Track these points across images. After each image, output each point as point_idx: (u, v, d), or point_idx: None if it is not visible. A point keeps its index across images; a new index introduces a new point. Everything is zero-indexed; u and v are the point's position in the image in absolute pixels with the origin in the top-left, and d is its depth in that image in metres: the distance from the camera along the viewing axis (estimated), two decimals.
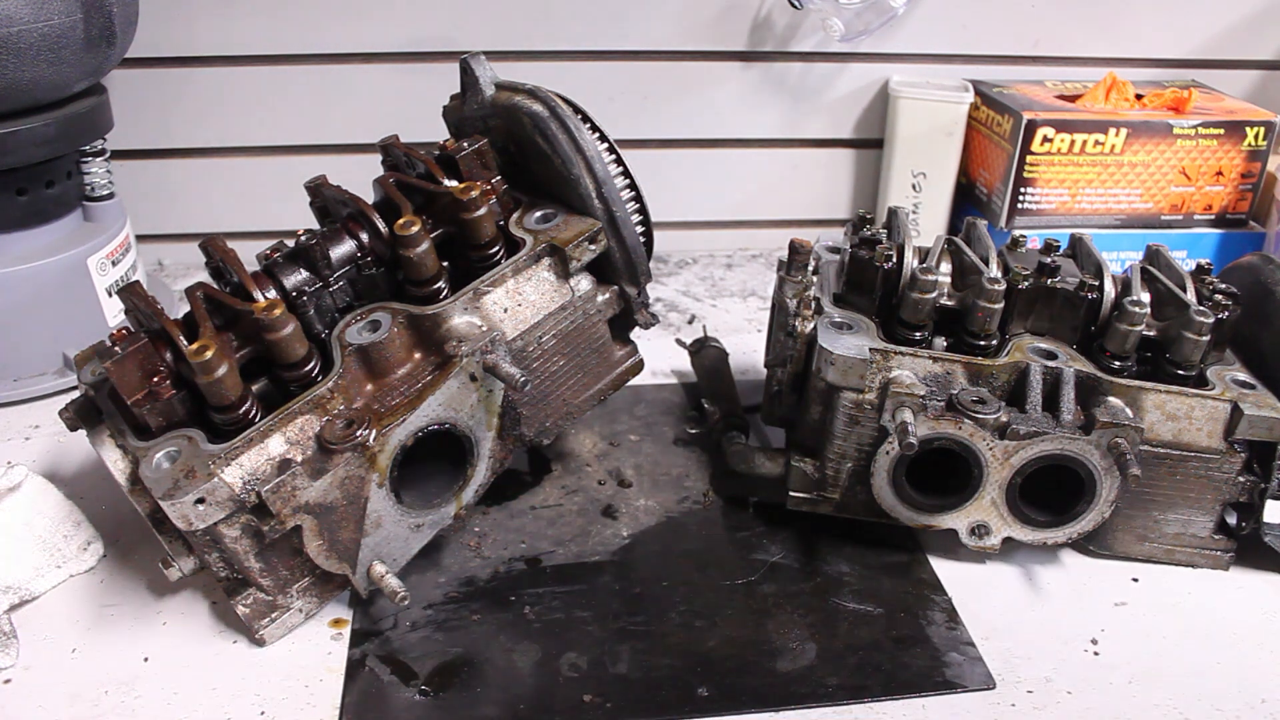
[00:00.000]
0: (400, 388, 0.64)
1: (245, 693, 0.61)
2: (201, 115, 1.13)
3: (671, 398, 0.93)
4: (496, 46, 1.11)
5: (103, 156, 0.96)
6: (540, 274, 0.69)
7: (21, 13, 0.78)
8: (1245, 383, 0.71)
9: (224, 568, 0.63)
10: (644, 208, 0.74)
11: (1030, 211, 1.12)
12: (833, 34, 1.11)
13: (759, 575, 0.72)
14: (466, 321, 0.65)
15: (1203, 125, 1.09)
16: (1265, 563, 0.74)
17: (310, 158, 1.15)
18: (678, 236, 1.26)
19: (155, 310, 0.63)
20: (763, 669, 0.64)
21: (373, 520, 0.62)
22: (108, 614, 0.67)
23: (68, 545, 0.71)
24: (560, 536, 0.75)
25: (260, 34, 1.09)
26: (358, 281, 0.68)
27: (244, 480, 0.58)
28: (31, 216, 0.90)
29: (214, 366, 0.58)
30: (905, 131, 1.18)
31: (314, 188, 0.73)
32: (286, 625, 0.65)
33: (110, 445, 0.64)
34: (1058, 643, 0.67)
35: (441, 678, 0.63)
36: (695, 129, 1.21)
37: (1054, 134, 1.07)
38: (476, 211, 0.67)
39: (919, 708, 0.61)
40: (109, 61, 0.90)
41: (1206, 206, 1.13)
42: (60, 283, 0.90)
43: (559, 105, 0.70)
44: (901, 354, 0.70)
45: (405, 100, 1.11)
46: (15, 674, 0.62)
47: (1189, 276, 0.75)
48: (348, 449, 0.59)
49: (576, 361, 0.72)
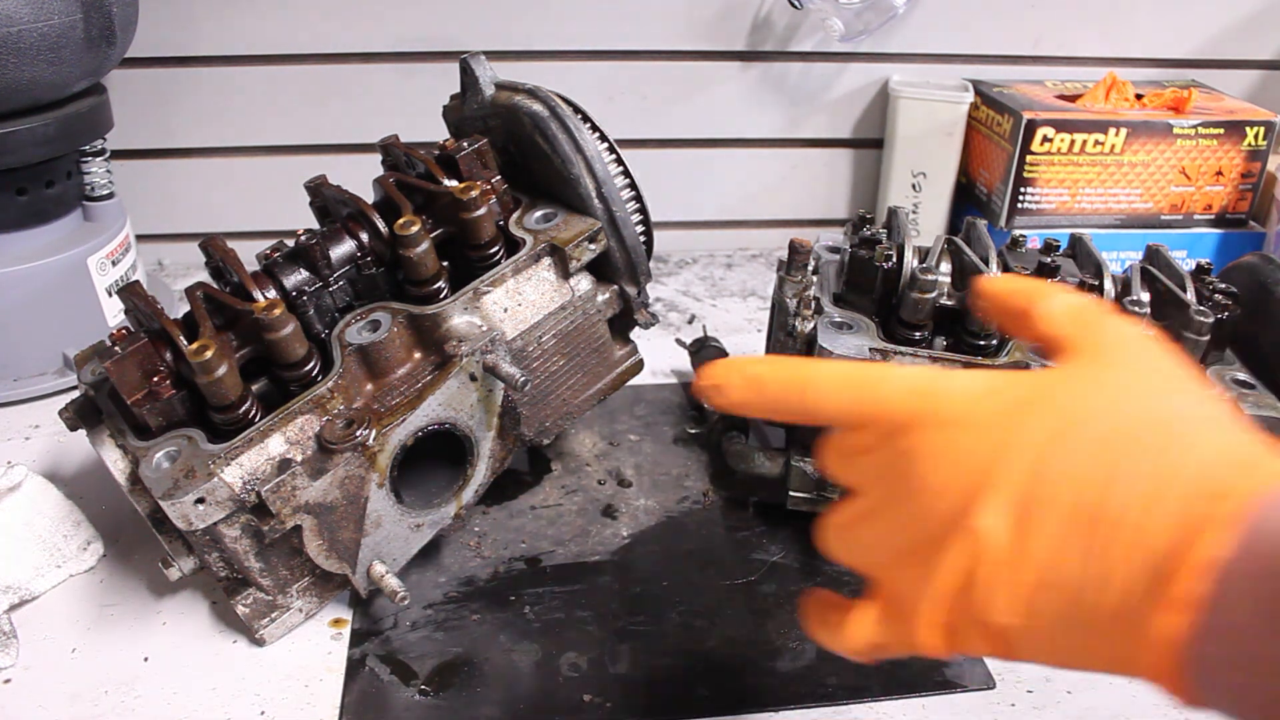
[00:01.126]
0: (400, 387, 0.64)
1: (245, 692, 0.61)
2: (201, 115, 1.13)
3: (671, 398, 0.93)
4: (496, 46, 1.11)
5: (103, 156, 0.96)
6: (540, 274, 0.69)
7: (21, 13, 0.78)
8: (1245, 383, 0.71)
9: (224, 568, 0.63)
10: (644, 208, 0.74)
11: (1030, 211, 1.12)
12: (833, 34, 1.11)
13: (759, 575, 0.72)
14: (466, 321, 0.65)
15: (1203, 125, 1.09)
16: None
17: (310, 158, 1.15)
18: (678, 236, 1.26)
19: (155, 310, 0.63)
20: (763, 669, 0.64)
21: (373, 520, 0.62)
22: (108, 614, 0.67)
23: (68, 545, 0.71)
24: (560, 536, 0.75)
25: (260, 34, 1.09)
26: (358, 281, 0.68)
27: (244, 480, 0.58)
28: (31, 216, 0.90)
29: (214, 366, 0.58)
30: (905, 131, 1.18)
31: (314, 188, 0.73)
32: (286, 625, 0.65)
33: (110, 445, 0.64)
34: None
35: (441, 677, 0.63)
36: (695, 129, 1.21)
37: (1054, 134, 1.07)
38: (476, 211, 0.67)
39: (919, 707, 0.61)
40: (109, 61, 0.90)
41: (1206, 206, 1.13)
42: (60, 283, 0.90)
43: (559, 105, 0.70)
44: (901, 354, 0.70)
45: (405, 100, 1.11)
46: (15, 674, 0.62)
47: (1189, 276, 0.75)
48: (348, 449, 0.59)
49: (576, 361, 0.72)
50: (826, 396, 0.44)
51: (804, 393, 0.44)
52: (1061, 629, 0.37)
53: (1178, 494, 0.35)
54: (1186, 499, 0.34)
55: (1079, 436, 0.38)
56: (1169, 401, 0.39)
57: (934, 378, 0.42)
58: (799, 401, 0.44)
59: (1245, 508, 0.33)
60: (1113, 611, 0.35)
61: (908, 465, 0.40)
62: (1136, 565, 0.35)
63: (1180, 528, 0.34)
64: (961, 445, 0.39)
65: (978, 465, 0.38)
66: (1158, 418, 0.37)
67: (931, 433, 0.40)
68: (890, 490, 0.42)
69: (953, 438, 0.39)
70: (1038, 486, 0.37)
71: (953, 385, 0.41)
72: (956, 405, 0.40)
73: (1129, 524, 0.35)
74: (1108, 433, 0.37)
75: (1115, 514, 0.35)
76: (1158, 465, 0.36)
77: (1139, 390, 0.39)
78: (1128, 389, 0.39)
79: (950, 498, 0.39)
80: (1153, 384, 0.40)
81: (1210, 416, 0.38)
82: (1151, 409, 0.38)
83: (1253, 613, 0.32)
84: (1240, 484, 0.34)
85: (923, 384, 0.42)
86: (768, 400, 0.45)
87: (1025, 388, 0.40)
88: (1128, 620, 0.35)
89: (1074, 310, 0.45)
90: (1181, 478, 0.35)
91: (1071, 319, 0.44)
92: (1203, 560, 0.33)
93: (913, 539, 0.41)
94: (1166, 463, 0.36)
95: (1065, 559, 0.36)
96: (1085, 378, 0.41)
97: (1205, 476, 0.35)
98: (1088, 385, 0.40)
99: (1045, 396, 0.40)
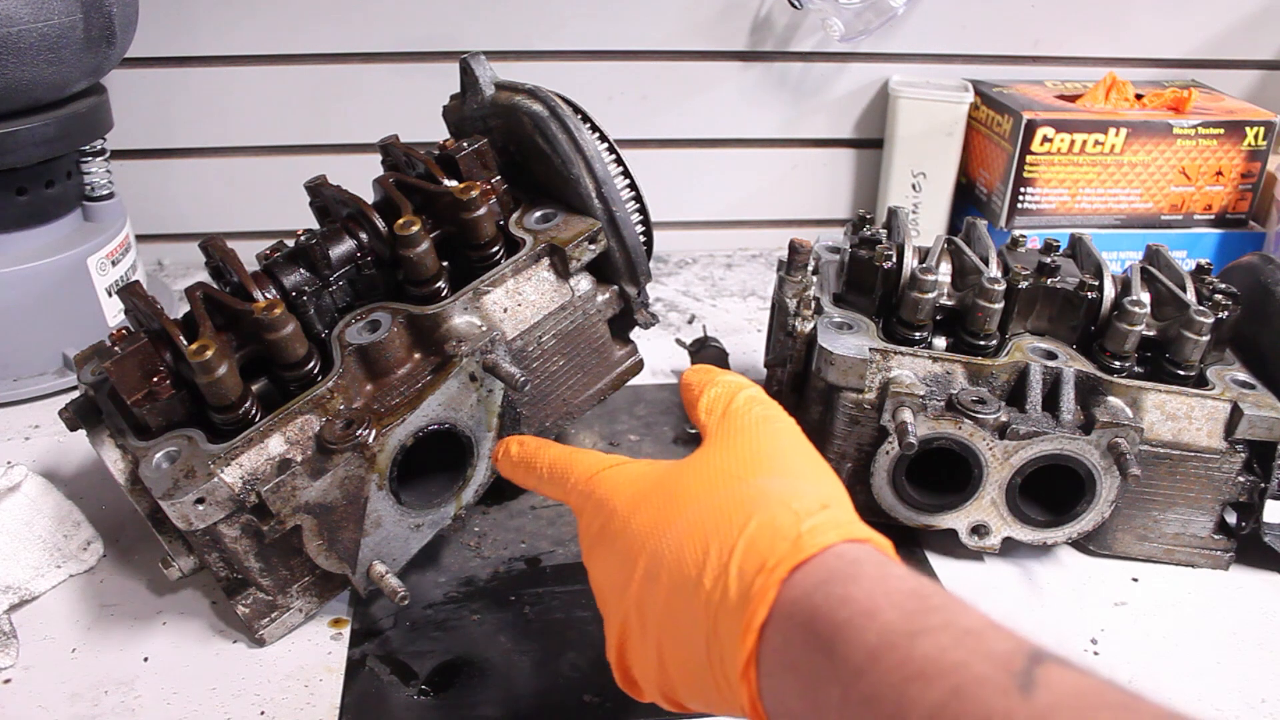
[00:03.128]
0: (400, 387, 0.64)
1: (245, 693, 0.61)
2: (201, 115, 1.13)
3: (671, 398, 0.93)
4: (496, 46, 1.11)
5: (103, 156, 0.96)
6: (540, 274, 0.69)
7: (21, 13, 0.78)
8: (1245, 383, 0.71)
9: (224, 568, 0.63)
10: (644, 208, 0.74)
11: (1030, 211, 1.12)
12: (833, 34, 1.11)
13: None
14: (466, 321, 0.65)
15: (1203, 125, 1.09)
16: (1265, 563, 0.74)
17: (310, 158, 1.15)
18: (678, 236, 1.26)
19: (155, 310, 0.63)
20: None
21: (372, 520, 0.62)
22: (108, 614, 0.67)
23: (68, 545, 0.71)
24: (560, 536, 0.75)
25: (260, 34, 1.09)
26: (357, 281, 0.68)
27: (244, 480, 0.58)
28: (31, 216, 0.90)
29: (214, 366, 0.58)
30: (905, 131, 1.18)
31: (314, 188, 0.73)
32: (286, 625, 0.65)
33: (110, 445, 0.64)
34: (1058, 642, 0.66)
35: (441, 678, 0.63)
36: (695, 129, 1.21)
37: (1054, 134, 1.07)
38: (476, 211, 0.67)
39: None
40: (109, 61, 0.90)
41: (1206, 206, 1.13)
42: (60, 283, 0.90)
43: (559, 105, 0.70)
44: (901, 354, 0.70)
45: (405, 100, 1.11)
46: (15, 674, 0.62)
47: (1189, 276, 0.75)
48: (347, 449, 0.59)
49: (576, 361, 0.72)
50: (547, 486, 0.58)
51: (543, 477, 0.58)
52: (691, 691, 0.45)
53: (746, 569, 0.42)
54: (749, 573, 0.41)
55: (681, 523, 0.46)
56: (753, 483, 0.47)
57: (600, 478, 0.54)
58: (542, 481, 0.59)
59: (783, 578, 0.40)
60: (716, 681, 0.43)
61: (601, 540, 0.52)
62: (723, 633, 0.41)
63: (743, 600, 0.41)
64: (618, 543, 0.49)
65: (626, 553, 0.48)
66: (740, 499, 0.45)
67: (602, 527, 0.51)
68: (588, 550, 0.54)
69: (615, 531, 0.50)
70: (649, 569, 0.46)
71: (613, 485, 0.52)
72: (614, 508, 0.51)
73: (713, 601, 0.42)
74: (700, 517, 0.45)
75: (705, 590, 0.43)
76: (733, 544, 0.43)
77: (733, 473, 0.48)
78: (725, 472, 0.48)
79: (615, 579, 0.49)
80: (744, 466, 0.48)
81: (785, 494, 0.45)
82: (736, 492, 0.46)
83: (785, 660, 0.39)
84: (785, 556, 0.41)
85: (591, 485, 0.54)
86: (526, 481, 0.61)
87: (649, 481, 0.50)
88: (726, 689, 0.42)
89: (710, 400, 0.55)
90: (750, 554, 0.42)
91: (707, 408, 0.55)
92: (755, 626, 0.40)
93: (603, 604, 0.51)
94: (740, 542, 0.43)
95: (674, 636, 0.45)
96: (700, 461, 0.50)
97: (764, 552, 0.42)
98: (699, 468, 0.49)
99: (660, 487, 0.49)
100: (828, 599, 0.39)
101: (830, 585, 0.39)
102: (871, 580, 0.39)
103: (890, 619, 0.36)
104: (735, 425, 0.52)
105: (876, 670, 0.35)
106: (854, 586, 0.39)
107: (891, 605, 0.37)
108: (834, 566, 0.40)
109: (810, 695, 0.38)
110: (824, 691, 0.37)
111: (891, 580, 0.39)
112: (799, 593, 0.40)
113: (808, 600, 0.39)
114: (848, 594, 0.38)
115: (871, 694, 0.35)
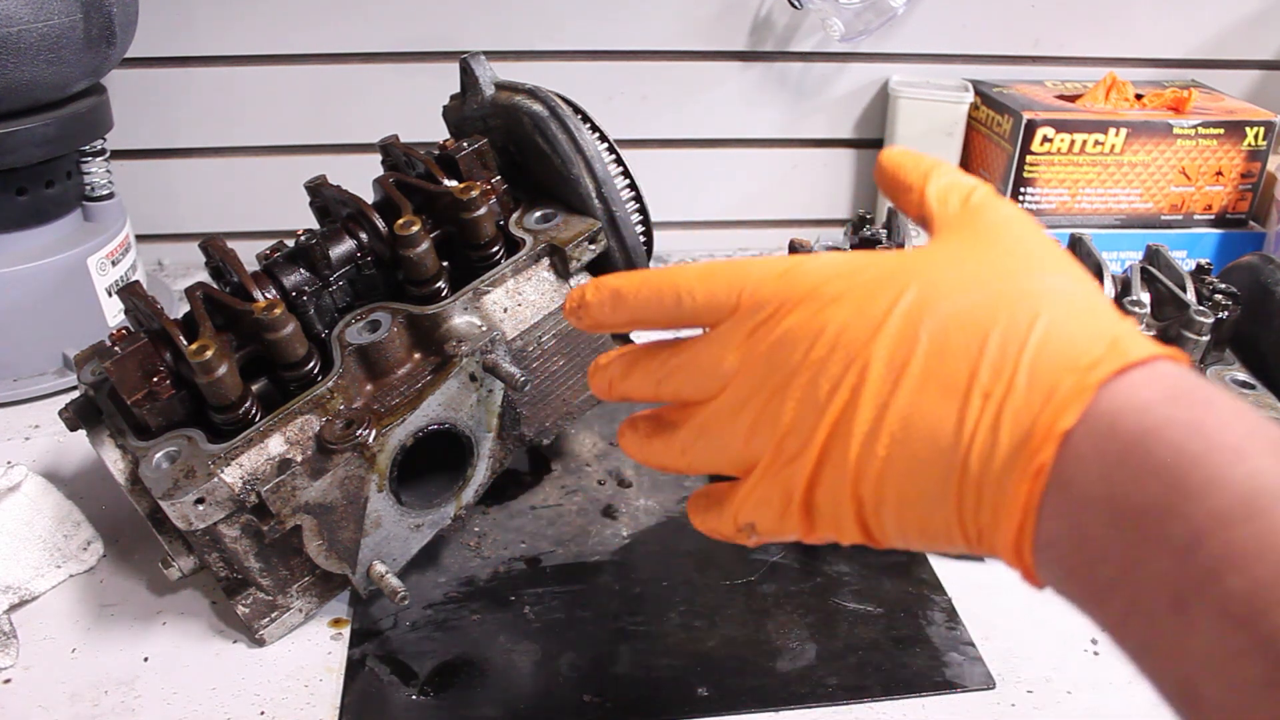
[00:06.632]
0: (400, 388, 0.64)
1: (245, 693, 0.61)
2: (201, 115, 1.13)
3: None
4: (496, 46, 1.11)
5: (103, 156, 0.96)
6: (540, 274, 0.69)
7: (21, 13, 0.78)
8: (1245, 383, 0.71)
9: (224, 568, 0.63)
10: (644, 208, 0.74)
11: (1030, 211, 1.12)
12: (833, 34, 1.11)
13: (759, 575, 0.72)
14: (466, 321, 0.65)
15: (1203, 125, 1.09)
16: None
17: (310, 158, 1.15)
18: (678, 236, 1.26)
19: (155, 310, 0.63)
20: (763, 669, 0.64)
21: (372, 520, 0.62)
22: (108, 614, 0.67)
23: (68, 545, 0.71)
24: (560, 536, 0.75)
25: (260, 34, 1.09)
26: (358, 281, 0.68)
27: (244, 480, 0.58)
28: (31, 216, 0.90)
29: (214, 366, 0.58)
30: (905, 131, 1.18)
31: (314, 188, 0.73)
32: (286, 625, 0.65)
33: (110, 445, 0.64)
34: (1058, 643, 0.67)
35: (441, 678, 0.63)
36: (695, 129, 1.21)
37: (1054, 134, 1.07)
38: (476, 211, 0.67)
39: (919, 707, 0.61)
40: (109, 61, 0.90)
41: (1206, 206, 1.13)
42: (60, 283, 0.90)
43: (559, 105, 0.70)
44: None
45: (405, 100, 1.11)
46: (15, 674, 0.62)
47: (1189, 276, 0.75)
48: (347, 449, 0.59)
49: (576, 361, 0.72)
50: (693, 290, 0.43)
51: (669, 292, 0.44)
52: (925, 498, 0.37)
53: (1043, 366, 0.34)
54: (1052, 371, 0.34)
55: (946, 308, 0.37)
56: (1036, 278, 0.38)
57: (798, 261, 0.42)
58: (665, 301, 0.44)
59: (1103, 380, 0.33)
60: (976, 481, 0.35)
61: (785, 346, 0.40)
62: (1001, 434, 0.34)
63: (1043, 399, 0.34)
64: (837, 321, 0.39)
65: (854, 338, 0.38)
66: (1024, 291, 0.37)
67: (804, 312, 0.40)
68: (763, 377, 0.41)
69: (828, 315, 0.39)
70: (909, 357, 0.37)
71: (819, 265, 0.41)
72: (825, 284, 0.40)
73: (995, 395, 0.35)
74: (972, 305, 0.37)
75: (983, 384, 0.35)
76: (1024, 337, 0.35)
77: (1007, 266, 0.39)
78: (995, 265, 0.39)
79: (832, 370, 0.39)
80: (1020, 261, 0.40)
81: (1077, 295, 0.37)
82: (1018, 284, 0.38)
83: (1095, 481, 0.32)
84: (1103, 358, 0.34)
85: (788, 267, 0.42)
86: (634, 309, 0.45)
87: (891, 264, 0.40)
88: (987, 490, 0.35)
89: (943, 189, 0.45)
90: (1047, 350, 0.35)
91: (939, 197, 0.45)
92: (1059, 431, 0.33)
93: (792, 418, 0.40)
94: (1034, 335, 0.35)
95: (932, 425, 0.36)
96: (952, 253, 0.41)
97: (1069, 350, 0.34)
98: (956, 260, 0.40)
99: (911, 271, 0.39)
100: (1170, 422, 0.31)
101: (1171, 406, 0.31)
102: (1229, 412, 0.31)
103: (1265, 465, 0.29)
104: (990, 219, 0.43)
105: (1253, 524, 0.28)
106: (1206, 413, 0.31)
107: (1262, 450, 0.29)
108: (1172, 384, 0.32)
109: (1128, 543, 0.30)
110: (1153, 540, 0.30)
111: (1250, 417, 0.31)
112: (1124, 404, 0.32)
113: (1137, 417, 0.31)
114: (1197, 420, 0.31)
115: (1244, 549, 0.28)
